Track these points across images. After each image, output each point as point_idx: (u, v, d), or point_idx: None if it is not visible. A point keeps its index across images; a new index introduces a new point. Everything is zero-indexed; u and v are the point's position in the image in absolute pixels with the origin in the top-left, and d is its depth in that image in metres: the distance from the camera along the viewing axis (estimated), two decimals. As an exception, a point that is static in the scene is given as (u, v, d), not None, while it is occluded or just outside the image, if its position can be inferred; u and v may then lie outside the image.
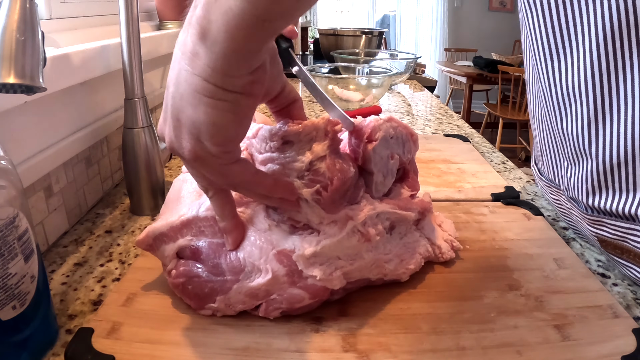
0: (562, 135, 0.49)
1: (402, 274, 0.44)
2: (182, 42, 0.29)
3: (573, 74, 0.44)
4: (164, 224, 0.41)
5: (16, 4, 0.35)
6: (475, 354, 0.36)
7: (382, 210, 0.42)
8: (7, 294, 0.32)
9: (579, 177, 0.48)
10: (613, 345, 0.37)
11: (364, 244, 0.40)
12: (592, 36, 0.41)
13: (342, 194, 0.39)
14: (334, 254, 0.39)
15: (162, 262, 0.42)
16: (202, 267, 0.40)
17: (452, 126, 1.07)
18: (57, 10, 0.65)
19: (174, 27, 0.95)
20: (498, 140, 3.64)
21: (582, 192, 0.48)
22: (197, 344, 0.37)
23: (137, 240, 0.42)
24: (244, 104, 0.30)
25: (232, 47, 0.27)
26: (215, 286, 0.39)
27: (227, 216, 0.38)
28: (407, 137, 0.47)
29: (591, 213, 0.48)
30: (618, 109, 0.41)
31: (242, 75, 0.28)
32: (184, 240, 0.41)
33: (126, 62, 0.55)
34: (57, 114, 0.54)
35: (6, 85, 0.36)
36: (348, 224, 0.39)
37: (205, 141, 0.30)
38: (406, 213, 0.44)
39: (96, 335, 0.37)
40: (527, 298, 0.42)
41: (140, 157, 0.58)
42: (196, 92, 0.28)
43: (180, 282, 0.40)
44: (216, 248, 0.40)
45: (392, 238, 0.44)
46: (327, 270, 0.38)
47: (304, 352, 0.36)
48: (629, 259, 0.45)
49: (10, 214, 0.32)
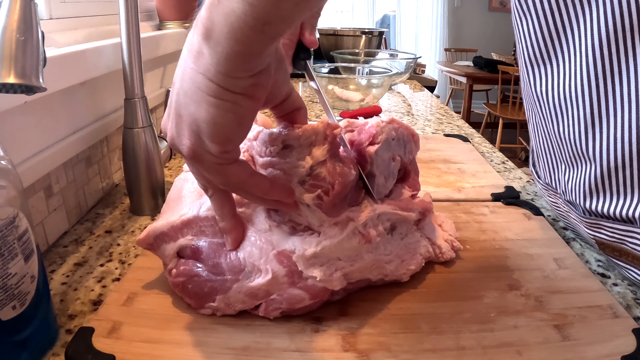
0: (559, 139, 0.49)
1: (403, 274, 0.44)
2: (190, 41, 0.29)
3: (569, 78, 0.44)
4: (164, 223, 0.41)
5: (16, 4, 0.35)
6: (475, 354, 0.36)
7: (383, 211, 0.42)
8: (7, 294, 0.32)
9: (576, 181, 0.48)
10: (613, 345, 0.37)
11: (364, 245, 0.40)
12: (588, 40, 0.41)
13: (343, 198, 0.39)
14: (334, 255, 0.39)
15: (162, 261, 0.43)
16: (202, 267, 0.40)
17: (452, 126, 1.07)
18: (57, 10, 0.65)
19: (174, 27, 0.95)
20: (498, 140, 3.64)
21: (580, 196, 0.48)
22: (198, 344, 0.37)
23: (138, 239, 0.42)
24: (245, 105, 0.30)
25: (234, 49, 0.27)
26: (215, 285, 0.39)
27: (226, 216, 0.38)
28: (409, 138, 0.47)
29: (589, 216, 0.48)
30: (615, 113, 0.41)
31: (245, 77, 0.29)
32: (185, 239, 0.41)
33: (126, 62, 0.55)
34: (57, 114, 0.54)
35: (6, 85, 0.36)
36: (349, 225, 0.39)
37: (205, 139, 0.30)
38: (407, 214, 0.44)
39: (96, 335, 0.37)
40: (527, 298, 0.42)
41: (140, 157, 0.58)
42: (199, 90, 0.29)
43: (181, 282, 0.40)
44: (216, 248, 0.40)
45: (393, 239, 0.44)
46: (328, 271, 0.38)
47: (304, 351, 0.36)
48: (628, 261, 0.45)
49: (10, 214, 0.32)
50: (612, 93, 0.41)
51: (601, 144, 0.43)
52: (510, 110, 3.64)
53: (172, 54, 0.89)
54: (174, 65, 0.94)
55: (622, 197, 0.44)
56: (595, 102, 0.42)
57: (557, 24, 0.43)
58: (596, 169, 0.44)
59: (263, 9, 0.25)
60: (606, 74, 0.40)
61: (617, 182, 0.43)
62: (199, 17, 0.28)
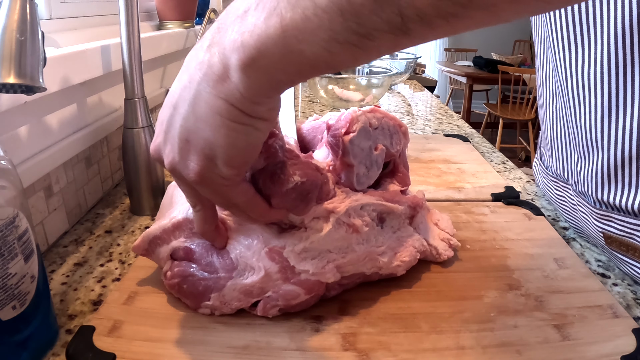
0: (575, 127, 0.49)
1: (397, 266, 0.43)
2: (205, 62, 0.28)
3: (590, 64, 0.44)
4: (156, 227, 0.42)
5: (16, 4, 0.35)
6: (475, 354, 0.36)
7: (367, 202, 0.42)
8: (7, 294, 0.32)
9: (589, 170, 0.49)
10: (613, 345, 0.37)
11: (352, 235, 0.40)
12: (611, 28, 0.41)
13: (297, 199, 0.38)
14: (324, 247, 0.39)
15: (158, 265, 0.43)
16: (195, 267, 0.40)
17: (452, 126, 1.07)
18: (57, 10, 0.65)
19: (174, 27, 0.95)
20: (498, 140, 3.64)
21: (592, 186, 0.48)
22: (198, 342, 0.37)
23: (134, 246, 0.43)
24: (262, 129, 0.30)
25: (278, 78, 0.26)
26: (209, 283, 0.39)
27: (208, 230, 0.38)
28: (396, 129, 0.47)
29: (599, 207, 0.48)
30: (632, 102, 0.42)
31: (266, 102, 0.29)
32: (177, 242, 0.41)
33: (126, 62, 0.55)
34: (57, 114, 0.54)
35: (6, 85, 0.36)
36: (331, 217, 0.39)
37: (219, 163, 0.30)
38: (393, 205, 0.44)
39: (97, 334, 0.37)
40: (527, 298, 0.42)
41: (140, 157, 0.58)
42: (218, 115, 0.28)
43: (176, 283, 0.40)
44: (208, 247, 0.40)
45: (384, 231, 0.44)
46: (319, 264, 0.39)
47: (304, 350, 0.36)
48: (634, 256, 0.45)
49: (10, 214, 0.32)
50: (631, 82, 0.41)
51: (616, 132, 0.44)
52: (510, 110, 3.64)
53: (172, 54, 0.89)
54: (174, 65, 0.94)
55: (635, 188, 0.44)
56: (614, 90, 0.42)
57: (584, 9, 0.43)
58: (610, 158, 0.45)
59: (342, 59, 0.25)
60: (626, 63, 0.41)
61: (630, 172, 0.44)
62: (231, 42, 0.26)
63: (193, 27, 0.99)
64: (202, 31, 0.83)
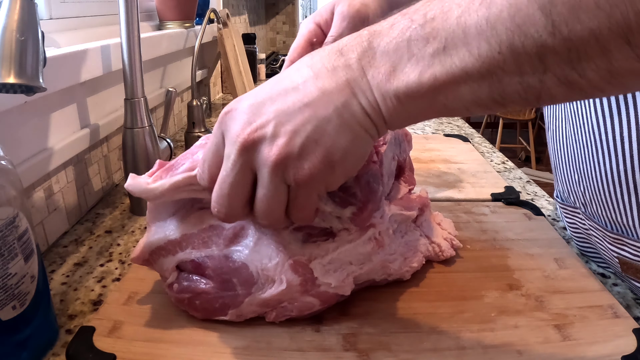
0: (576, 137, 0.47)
1: (406, 272, 0.44)
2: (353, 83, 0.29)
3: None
4: (161, 237, 0.40)
5: (16, 4, 0.35)
6: (475, 354, 0.36)
7: (393, 213, 0.42)
8: (7, 294, 0.32)
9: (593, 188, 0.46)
10: (613, 345, 0.37)
11: (375, 247, 0.39)
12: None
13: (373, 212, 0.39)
14: (347, 259, 0.38)
15: (160, 274, 0.41)
16: (209, 283, 0.38)
17: (452, 126, 1.07)
18: (57, 10, 0.65)
19: (174, 27, 0.95)
20: (498, 140, 3.64)
21: (600, 206, 0.45)
22: (198, 343, 0.37)
23: (132, 257, 0.40)
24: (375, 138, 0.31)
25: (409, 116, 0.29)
26: (227, 301, 0.38)
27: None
28: (403, 138, 0.47)
29: (611, 229, 0.45)
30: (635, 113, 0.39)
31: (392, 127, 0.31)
32: (184, 253, 0.39)
33: (126, 62, 0.55)
34: (57, 114, 0.54)
35: (6, 85, 0.36)
36: (369, 231, 0.39)
37: (338, 170, 0.31)
38: (410, 213, 0.44)
39: (97, 334, 0.37)
40: (527, 298, 0.42)
41: (140, 157, 0.58)
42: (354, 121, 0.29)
43: (186, 298, 0.39)
44: (224, 262, 0.38)
45: (395, 237, 0.44)
46: (340, 277, 0.38)
47: (304, 351, 0.36)
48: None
49: (10, 214, 0.32)
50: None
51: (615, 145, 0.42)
52: (510, 110, 3.64)
53: (172, 54, 0.89)
54: (174, 66, 0.94)
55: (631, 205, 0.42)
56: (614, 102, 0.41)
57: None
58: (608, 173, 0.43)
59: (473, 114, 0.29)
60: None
61: (627, 190, 0.41)
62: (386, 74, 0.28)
63: (193, 27, 0.99)
64: (202, 31, 0.83)
